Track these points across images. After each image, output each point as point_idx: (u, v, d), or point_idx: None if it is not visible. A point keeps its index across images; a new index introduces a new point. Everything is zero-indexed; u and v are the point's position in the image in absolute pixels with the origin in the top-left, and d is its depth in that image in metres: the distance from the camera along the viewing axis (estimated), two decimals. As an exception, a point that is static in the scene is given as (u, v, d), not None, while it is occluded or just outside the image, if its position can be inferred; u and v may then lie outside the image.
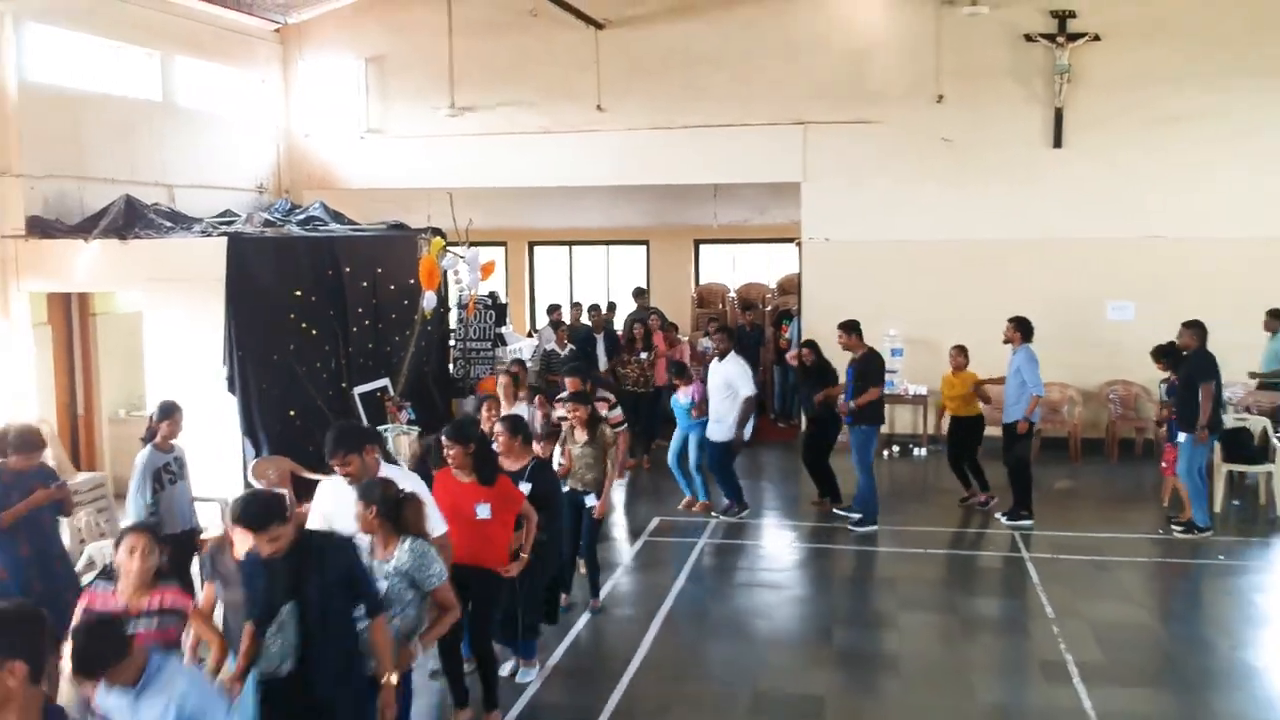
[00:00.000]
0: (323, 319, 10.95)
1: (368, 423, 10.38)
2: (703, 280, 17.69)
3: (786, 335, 14.48)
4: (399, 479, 5.20)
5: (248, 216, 12.25)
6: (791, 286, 15.35)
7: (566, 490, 7.57)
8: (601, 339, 13.53)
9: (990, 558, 9.44)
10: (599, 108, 13.99)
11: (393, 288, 12.18)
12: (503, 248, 17.71)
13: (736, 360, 10.14)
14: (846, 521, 10.11)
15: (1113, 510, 10.79)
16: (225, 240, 10.01)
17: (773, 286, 16.94)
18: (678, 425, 10.61)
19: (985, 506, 10.63)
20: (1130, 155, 12.96)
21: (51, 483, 6.30)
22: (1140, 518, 10.42)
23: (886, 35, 13.35)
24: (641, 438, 12.31)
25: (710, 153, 13.92)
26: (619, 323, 14.52)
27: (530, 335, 16.17)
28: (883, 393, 10.28)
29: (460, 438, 5.82)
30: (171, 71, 12.69)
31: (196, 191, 12.79)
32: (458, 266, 12.23)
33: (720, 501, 10.50)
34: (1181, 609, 8.41)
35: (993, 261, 13.20)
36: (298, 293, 10.66)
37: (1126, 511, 10.72)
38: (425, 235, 12.41)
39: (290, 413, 10.38)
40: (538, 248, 18.39)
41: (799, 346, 11.56)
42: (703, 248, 17.70)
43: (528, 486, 6.37)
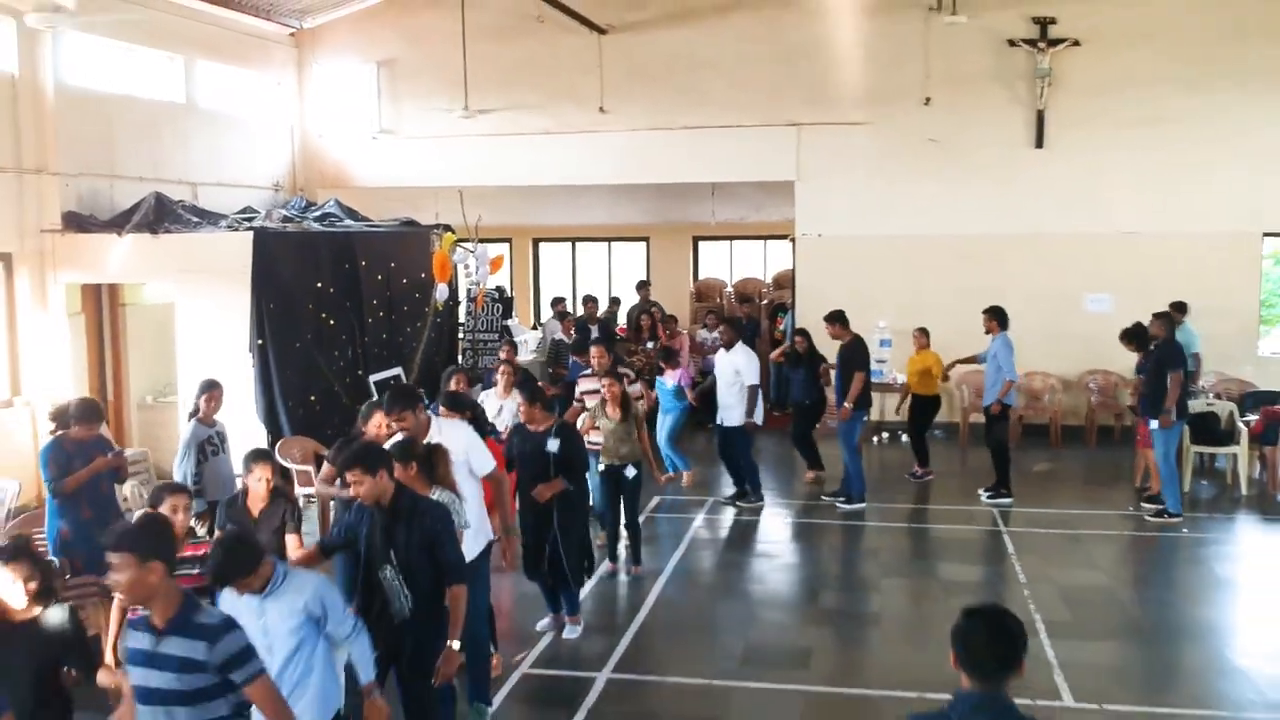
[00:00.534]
0: (340, 310, 11.55)
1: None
2: (701, 275, 18.28)
3: (781, 327, 15.11)
4: (450, 430, 5.88)
5: (267, 213, 12.87)
6: (786, 281, 15.95)
7: (603, 468, 8.20)
8: (595, 330, 14.15)
9: (970, 531, 10.06)
10: (602, 110, 14.61)
11: (405, 281, 12.76)
12: (508, 244, 18.29)
13: (743, 349, 10.70)
14: (835, 503, 10.72)
15: (1088, 490, 11.44)
16: (251, 235, 10.62)
17: (768, 281, 17.54)
18: (660, 408, 11.14)
19: (918, 478, 11.54)
20: (1108, 155, 13.59)
21: (109, 451, 6.92)
22: (1114, 497, 11.06)
23: (876, 41, 13.96)
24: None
25: (708, 153, 14.55)
26: (622, 316, 15.13)
27: (535, 329, 16.77)
28: (869, 378, 10.90)
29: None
30: (194, 75, 13.32)
31: (217, 189, 13.40)
32: (468, 260, 12.84)
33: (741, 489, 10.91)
34: (1146, 575, 9.05)
35: (977, 256, 13.81)
36: (318, 285, 11.27)
37: (1101, 491, 11.36)
38: (437, 231, 13.00)
39: (311, 397, 11.00)
40: (542, 244, 18.99)
41: (791, 338, 12.19)
42: (701, 244, 18.30)
43: (556, 443, 7.00)
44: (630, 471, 8.32)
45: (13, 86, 10.69)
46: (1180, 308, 12.16)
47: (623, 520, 8.57)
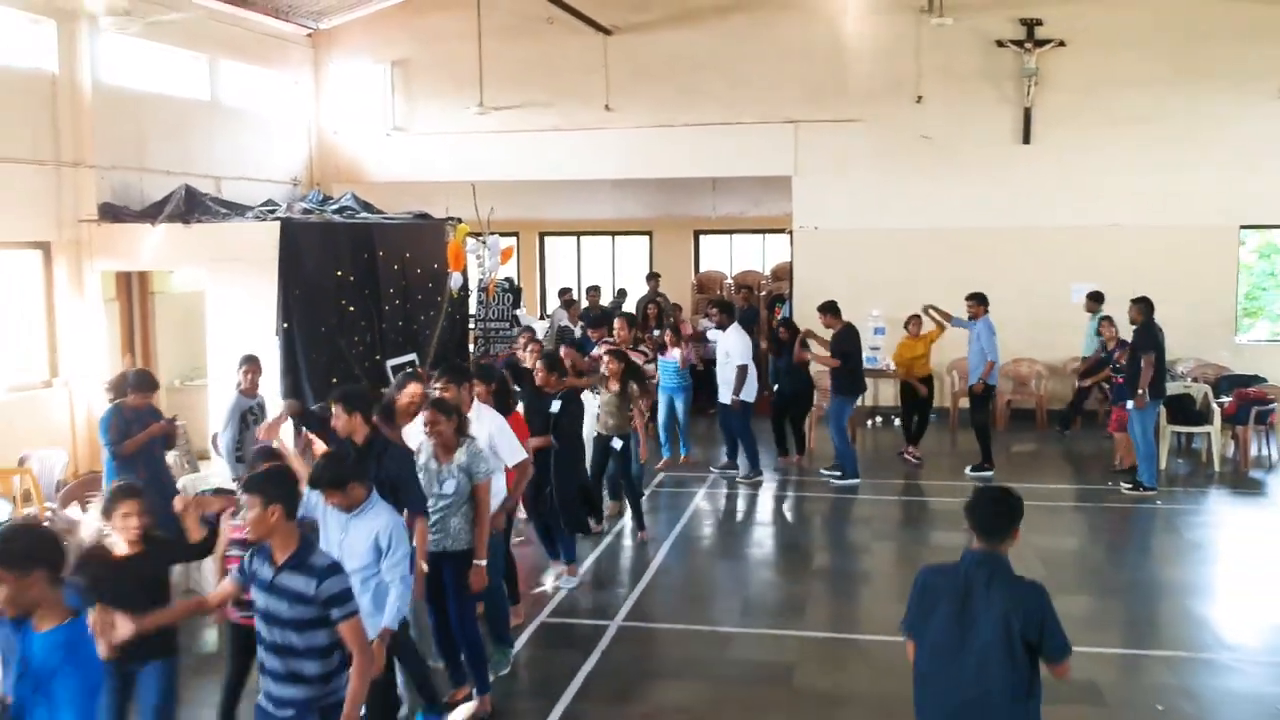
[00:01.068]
0: (359, 298, 12.13)
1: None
2: (702, 268, 18.87)
3: (780, 317, 15.70)
4: (485, 415, 6.57)
5: (288, 205, 13.45)
6: (784, 273, 16.55)
7: (594, 435, 8.86)
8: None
9: (955, 503, 10.58)
10: (607, 108, 15.21)
11: (419, 271, 13.34)
12: (515, 238, 18.87)
13: (736, 331, 11.40)
14: (830, 477, 11.35)
15: (1069, 467, 12.07)
16: (278, 225, 11.20)
17: (767, 273, 18.13)
18: (660, 387, 11.63)
19: (902, 456, 12.14)
20: (1092, 151, 14.20)
21: (162, 419, 7.53)
22: (1094, 473, 11.67)
23: (870, 41, 14.56)
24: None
25: (709, 149, 15.16)
26: (628, 306, 15.73)
27: (543, 319, 17.35)
28: (861, 362, 11.53)
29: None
30: (218, 74, 13.92)
31: (239, 183, 14.00)
32: (480, 251, 13.44)
33: (742, 464, 11.57)
34: (1118, 540, 9.68)
35: (968, 248, 14.41)
36: (339, 273, 11.85)
37: (1082, 469, 11.99)
38: (451, 223, 13.59)
39: (333, 380, 11.55)
40: (548, 238, 19.57)
41: (775, 329, 12.89)
42: (702, 238, 18.89)
43: (556, 404, 7.81)
44: (616, 443, 9.00)
45: (52, 85, 11.29)
46: (1096, 297, 12.82)
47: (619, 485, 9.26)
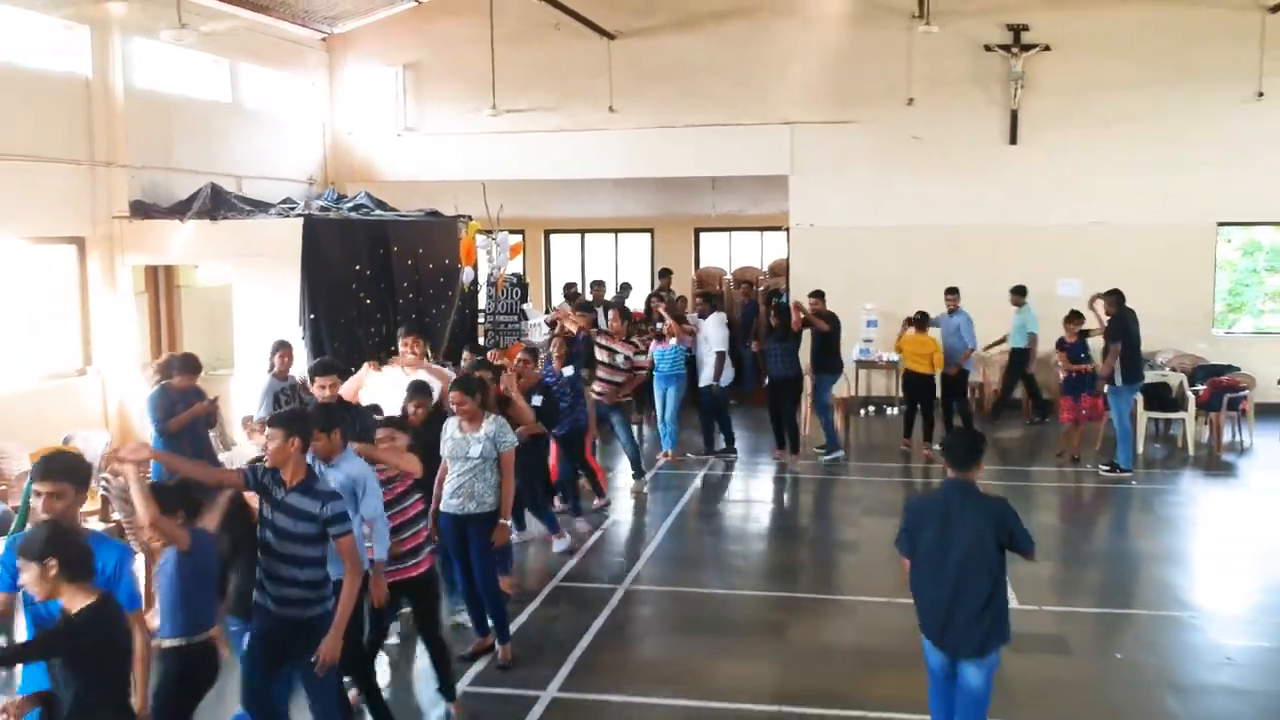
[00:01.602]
0: (375, 291, 12.75)
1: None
2: (702, 264, 19.47)
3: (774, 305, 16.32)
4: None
5: (306, 203, 14.06)
6: (781, 269, 17.16)
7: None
8: (603, 311, 15.33)
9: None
10: (610, 109, 15.83)
11: (431, 266, 13.95)
12: (521, 235, 19.49)
13: (715, 319, 12.20)
14: (819, 456, 12.01)
15: (1053, 453, 12.64)
16: (301, 221, 11.82)
17: (765, 270, 18.74)
18: (655, 378, 12.11)
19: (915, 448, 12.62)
20: (1076, 152, 14.84)
21: (205, 399, 8.14)
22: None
23: (863, 46, 15.19)
24: (649, 394, 14.15)
25: (709, 150, 15.79)
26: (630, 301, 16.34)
27: (548, 313, 17.94)
28: (839, 341, 12.51)
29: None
30: (239, 77, 14.54)
31: (259, 181, 14.61)
32: (489, 247, 14.06)
33: (718, 443, 12.33)
34: (1092, 515, 10.33)
35: (957, 244, 15.02)
36: (356, 267, 12.47)
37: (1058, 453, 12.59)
38: (463, 220, 14.21)
39: (352, 369, 12.17)
40: (553, 235, 20.18)
41: (771, 314, 13.52)
42: (702, 235, 19.48)
43: (539, 399, 8.54)
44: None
45: (86, 88, 11.90)
46: (1020, 291, 13.48)
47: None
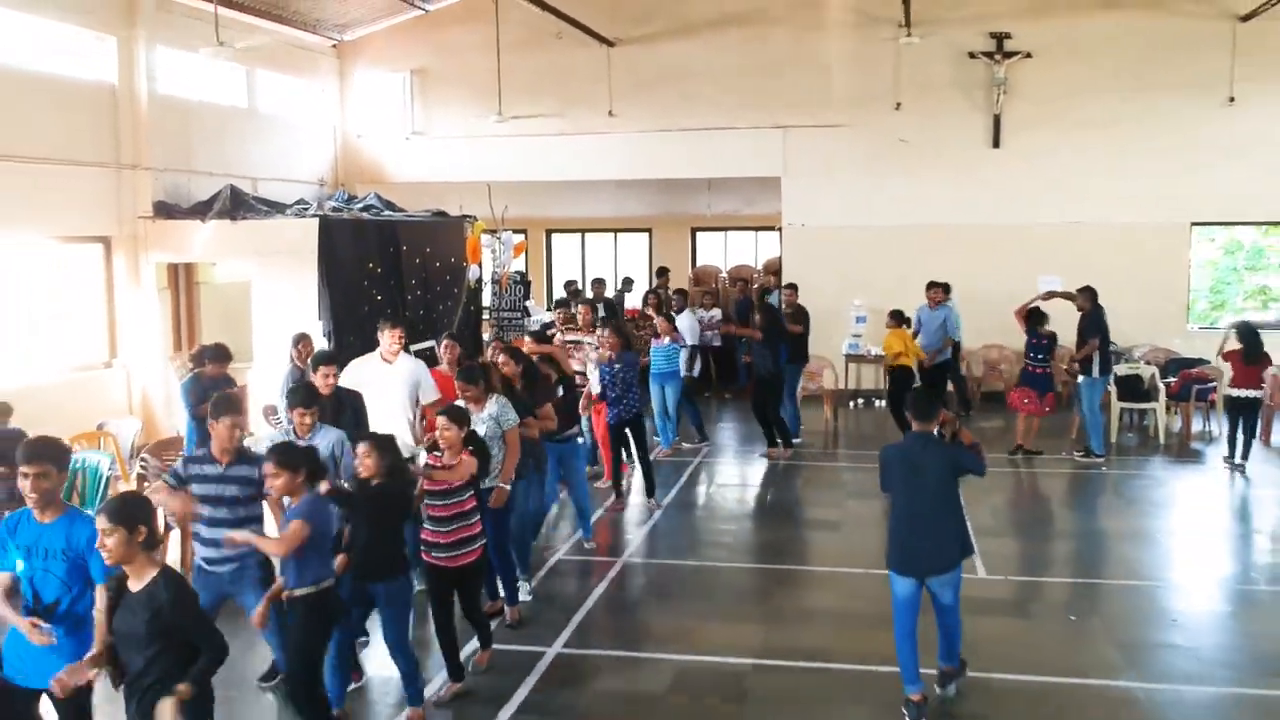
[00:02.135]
0: (386, 288, 13.36)
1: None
2: (699, 263, 20.12)
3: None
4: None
5: (318, 204, 14.69)
6: (775, 267, 17.81)
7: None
8: (602, 308, 15.95)
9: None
10: (610, 113, 16.47)
11: (438, 265, 14.57)
12: (523, 235, 20.13)
13: (687, 315, 13.21)
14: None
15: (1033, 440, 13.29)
16: (317, 221, 12.44)
17: (759, 268, 19.39)
18: (651, 375, 12.52)
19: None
20: (1057, 154, 15.48)
21: (235, 386, 8.78)
22: (1051, 446, 12.86)
23: (852, 53, 15.82)
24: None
25: (705, 152, 16.45)
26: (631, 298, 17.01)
27: (550, 310, 18.57)
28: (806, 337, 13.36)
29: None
30: (254, 83, 15.18)
31: (273, 183, 15.25)
32: (494, 246, 14.71)
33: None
34: (1063, 497, 10.97)
35: (942, 243, 15.64)
36: (369, 265, 13.09)
37: (1042, 442, 13.17)
38: (469, 220, 14.84)
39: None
40: (554, 235, 20.83)
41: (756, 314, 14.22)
42: (699, 234, 20.14)
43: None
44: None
45: (113, 95, 12.54)
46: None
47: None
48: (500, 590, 7.33)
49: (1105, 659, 6.70)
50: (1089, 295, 12.28)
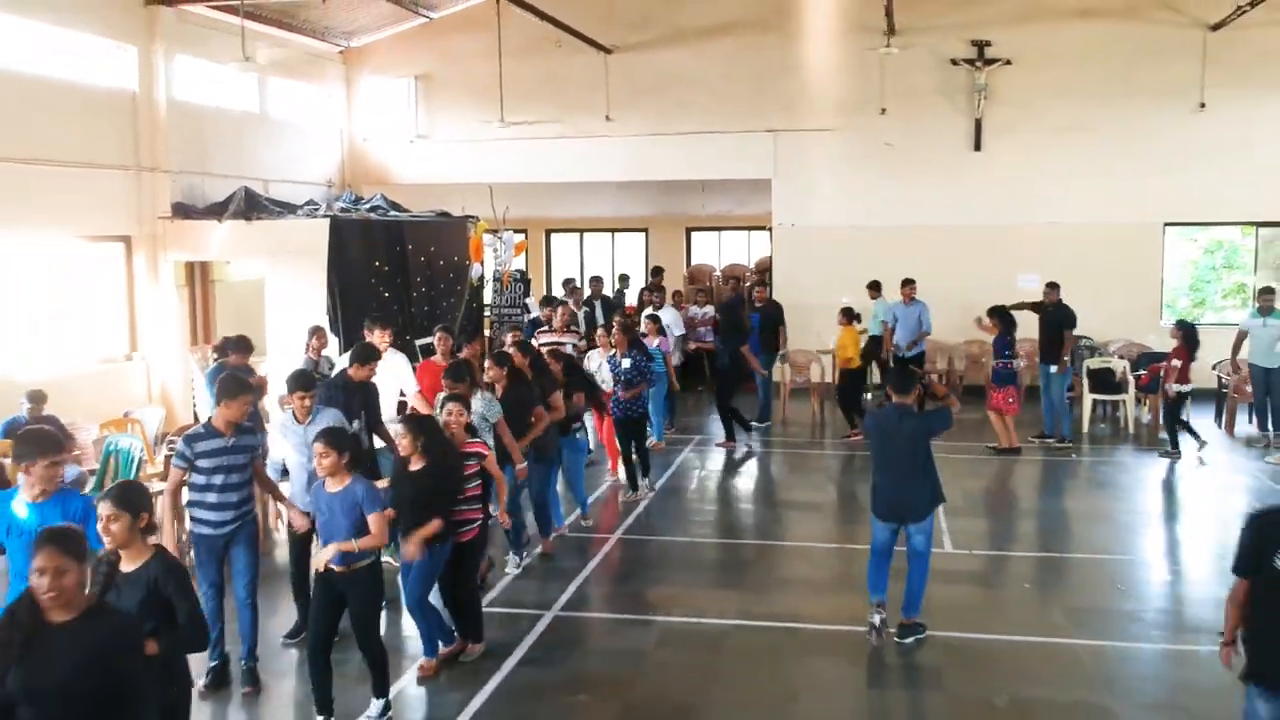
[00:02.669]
0: (392, 285, 13.98)
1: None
2: (694, 261, 20.76)
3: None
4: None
5: (327, 204, 15.33)
6: (766, 265, 18.45)
7: None
8: (600, 305, 16.58)
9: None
10: (608, 118, 17.12)
11: (442, 263, 15.18)
12: (524, 234, 20.77)
13: (667, 309, 13.95)
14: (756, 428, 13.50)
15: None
16: (327, 222, 13.07)
17: (751, 266, 20.03)
18: None
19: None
20: (1035, 157, 16.14)
21: (255, 376, 9.42)
22: (1022, 433, 13.50)
23: (839, 60, 16.50)
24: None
25: (699, 155, 17.12)
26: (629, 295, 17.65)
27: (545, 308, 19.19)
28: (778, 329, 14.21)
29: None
30: (266, 89, 15.83)
31: (284, 185, 15.89)
32: (495, 245, 15.36)
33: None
34: (1031, 480, 11.63)
35: (926, 242, 16.30)
36: (376, 263, 13.72)
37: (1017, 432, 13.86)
38: (472, 220, 15.48)
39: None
40: (554, 234, 21.47)
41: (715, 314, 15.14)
42: (693, 234, 20.77)
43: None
44: None
45: (133, 101, 13.20)
46: (875, 285, 14.93)
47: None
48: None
49: (1054, 621, 7.36)
50: (1056, 291, 12.98)
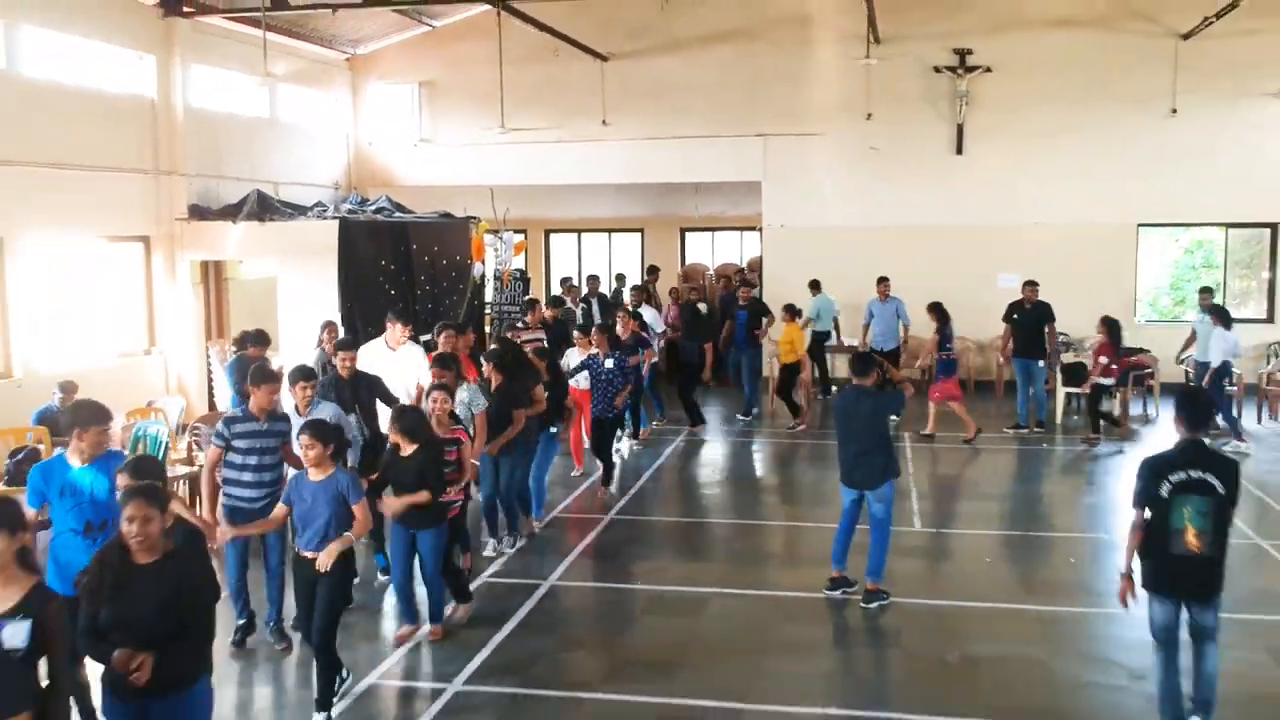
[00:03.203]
0: (398, 284, 14.62)
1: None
2: (688, 261, 21.40)
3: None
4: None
5: (335, 206, 15.99)
6: (757, 265, 19.11)
7: None
8: (596, 303, 17.24)
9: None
10: (604, 123, 17.78)
11: (445, 262, 15.80)
12: (523, 235, 21.41)
13: (646, 307, 14.69)
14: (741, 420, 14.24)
15: (984, 423, 14.57)
16: (337, 223, 13.72)
17: (744, 265, 20.67)
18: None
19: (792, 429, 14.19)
20: (1015, 161, 16.81)
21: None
22: (997, 424, 14.17)
23: (827, 68, 17.16)
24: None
25: (692, 158, 17.80)
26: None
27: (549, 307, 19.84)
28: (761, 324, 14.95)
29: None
30: (276, 96, 16.50)
31: (293, 187, 16.55)
32: (496, 245, 16.02)
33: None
34: (1001, 467, 12.29)
35: (910, 242, 16.96)
36: (383, 262, 14.37)
37: (995, 424, 14.52)
38: (474, 221, 16.13)
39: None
40: (552, 235, 22.12)
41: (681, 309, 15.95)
42: (688, 234, 21.39)
43: None
44: None
45: (152, 108, 13.87)
46: (815, 284, 15.72)
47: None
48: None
49: (1008, 589, 8.04)
50: (1035, 288, 13.67)
